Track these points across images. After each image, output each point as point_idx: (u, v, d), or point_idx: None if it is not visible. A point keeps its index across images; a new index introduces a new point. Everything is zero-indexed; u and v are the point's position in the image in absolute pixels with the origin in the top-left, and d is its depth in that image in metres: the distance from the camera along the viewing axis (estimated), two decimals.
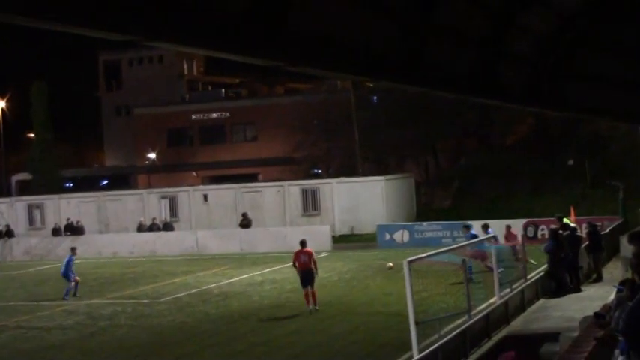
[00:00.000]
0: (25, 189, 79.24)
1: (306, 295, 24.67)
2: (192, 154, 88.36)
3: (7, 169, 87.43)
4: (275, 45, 9.46)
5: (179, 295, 29.60)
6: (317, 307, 24.59)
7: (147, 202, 51.41)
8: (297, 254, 25.27)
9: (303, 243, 25.60)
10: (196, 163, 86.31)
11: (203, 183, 77.11)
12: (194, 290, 30.64)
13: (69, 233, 48.44)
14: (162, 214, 50.18)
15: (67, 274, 30.95)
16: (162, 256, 44.13)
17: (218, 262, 39.47)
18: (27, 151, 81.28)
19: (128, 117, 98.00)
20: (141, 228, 47.73)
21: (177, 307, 26.81)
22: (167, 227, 47.89)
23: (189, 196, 51.12)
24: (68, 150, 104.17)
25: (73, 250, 32.19)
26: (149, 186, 76.73)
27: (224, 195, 50.39)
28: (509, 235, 31.60)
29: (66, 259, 31.60)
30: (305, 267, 24.83)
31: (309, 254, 25.15)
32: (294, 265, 25.40)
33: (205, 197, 50.59)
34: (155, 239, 46.52)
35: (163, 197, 51.68)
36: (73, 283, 30.72)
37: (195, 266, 38.51)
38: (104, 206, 52.09)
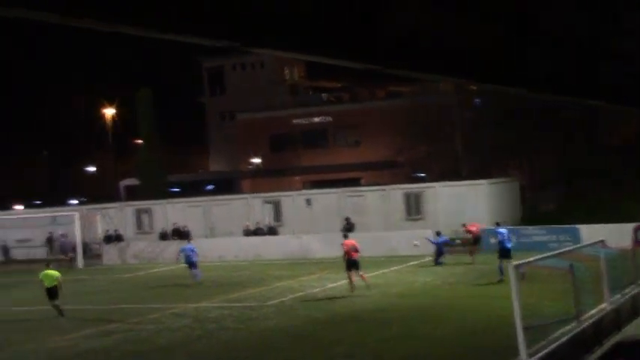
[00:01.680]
0: (133, 194, 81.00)
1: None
2: (294, 158, 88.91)
3: (116, 174, 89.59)
4: (375, 48, 9.48)
5: (284, 298, 29.86)
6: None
7: (251, 207, 52.00)
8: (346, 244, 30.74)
9: (346, 236, 32.85)
10: (299, 168, 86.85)
11: (305, 187, 77.57)
12: (299, 294, 30.86)
13: (176, 237, 49.34)
14: (266, 218, 50.66)
15: (192, 262, 35.66)
16: (267, 260, 44.58)
17: (322, 266, 39.66)
18: (135, 156, 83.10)
19: (232, 122, 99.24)
20: (246, 232, 48.33)
21: (282, 311, 27.05)
22: (271, 231, 48.38)
23: (292, 200, 51.51)
24: (174, 155, 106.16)
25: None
26: (253, 190, 77.57)
27: (327, 199, 50.60)
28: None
29: (189, 247, 36.48)
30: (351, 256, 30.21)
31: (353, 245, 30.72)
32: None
33: (309, 201, 50.88)
34: (260, 243, 47.05)
35: (267, 201, 52.17)
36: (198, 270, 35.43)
37: (300, 270, 38.77)
38: (210, 211, 52.86)
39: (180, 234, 49.40)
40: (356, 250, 30.69)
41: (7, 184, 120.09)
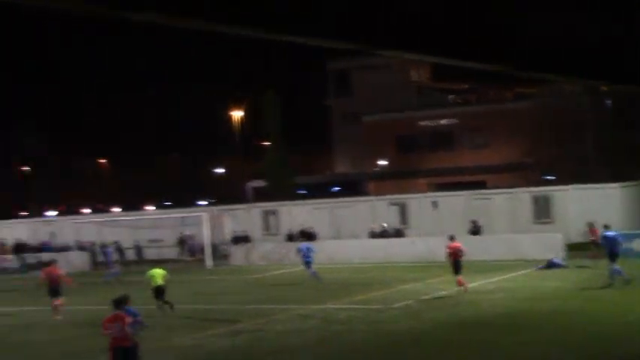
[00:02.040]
0: (260, 195, 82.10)
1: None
2: (420, 160, 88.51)
3: (243, 176, 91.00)
4: (505, 51, 9.35)
5: (410, 301, 29.73)
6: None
7: (377, 209, 51.97)
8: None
9: (452, 238, 33.17)
10: (425, 170, 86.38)
11: (431, 190, 77.10)
12: (425, 297, 30.69)
13: (302, 239, 49.73)
14: (392, 220, 50.54)
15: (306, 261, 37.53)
16: (393, 263, 44.49)
17: (448, 269, 39.24)
18: (262, 158, 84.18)
19: (357, 124, 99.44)
20: (372, 234, 48.35)
21: (408, 314, 26.94)
22: (398, 234, 48.26)
23: (419, 202, 51.25)
24: (300, 157, 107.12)
25: None
26: (378, 192, 77.53)
27: (454, 202, 50.16)
28: None
29: (305, 246, 38.69)
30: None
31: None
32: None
33: (435, 204, 50.53)
34: (386, 245, 47.00)
35: (393, 204, 52.07)
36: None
37: (426, 273, 38.56)
38: (335, 212, 53.08)
39: (307, 235, 49.78)
40: (460, 253, 31.88)
41: (139, 185, 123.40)
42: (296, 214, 54.00)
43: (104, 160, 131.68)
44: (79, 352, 24.10)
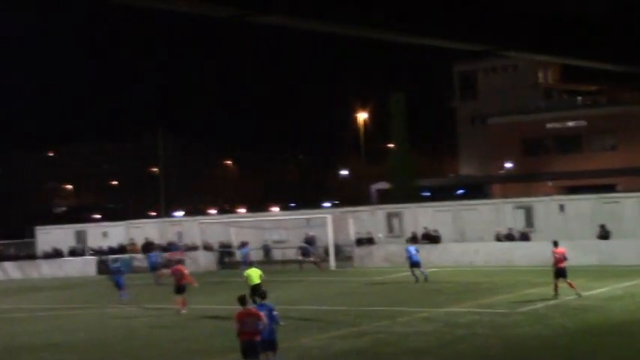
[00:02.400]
0: (384, 197, 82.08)
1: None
2: (547, 163, 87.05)
3: (368, 178, 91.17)
4: (632, 51, 9.14)
5: (536, 306, 29.24)
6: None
7: (502, 212, 51.27)
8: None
9: (556, 244, 32.73)
10: (551, 173, 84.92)
11: (558, 193, 75.61)
12: (551, 302, 30.12)
13: (426, 241, 49.49)
14: (517, 223, 49.78)
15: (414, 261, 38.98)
16: (519, 267, 43.83)
17: (575, 274, 38.35)
18: (386, 161, 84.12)
19: (483, 126, 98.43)
20: (498, 237, 47.72)
21: (534, 319, 26.48)
22: (523, 237, 47.51)
23: (545, 206, 50.31)
24: (425, 159, 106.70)
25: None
26: (503, 195, 76.53)
27: (581, 205, 49.02)
28: None
29: (412, 247, 40.49)
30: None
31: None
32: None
33: (562, 207, 49.52)
34: (511, 249, 46.34)
35: (518, 207, 51.26)
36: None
37: (552, 277, 37.77)
38: (460, 215, 52.60)
39: (431, 238, 49.48)
40: (564, 259, 31.70)
41: (264, 186, 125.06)
42: (420, 216, 53.73)
43: (230, 162, 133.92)
44: (203, 350, 24.56)
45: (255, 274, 31.97)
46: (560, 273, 31.45)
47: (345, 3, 12.78)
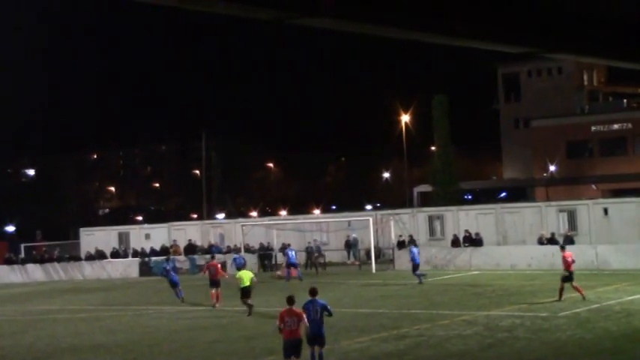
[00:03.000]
0: (426, 200, 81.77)
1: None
2: (591, 166, 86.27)
3: (409, 180, 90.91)
4: None
5: (578, 310, 28.91)
6: None
7: (545, 215, 50.84)
8: None
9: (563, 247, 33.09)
10: (596, 176, 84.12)
11: (603, 196, 74.85)
12: (594, 306, 29.77)
13: (467, 244, 49.20)
14: (560, 227, 49.33)
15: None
16: (561, 270, 43.35)
17: (619, 278, 38.07)
18: (428, 163, 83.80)
19: (526, 129, 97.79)
20: (541, 241, 47.30)
21: (576, 323, 26.18)
22: (567, 241, 47.01)
23: (588, 209, 49.79)
24: (467, 162, 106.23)
25: None
26: (547, 198, 75.90)
27: (626, 209, 48.44)
28: None
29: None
30: None
31: None
32: None
33: (606, 211, 48.97)
34: (554, 252, 45.84)
35: (562, 210, 50.80)
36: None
37: (595, 281, 37.42)
38: (502, 218, 52.24)
39: (472, 241, 49.17)
40: (572, 262, 31.91)
41: (306, 188, 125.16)
42: (461, 219, 53.44)
43: (272, 164, 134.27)
44: (243, 352, 24.60)
45: (246, 277, 32.94)
46: (570, 277, 31.74)
47: (391, 6, 12.73)
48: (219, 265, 37.79)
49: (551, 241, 46.88)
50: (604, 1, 14.31)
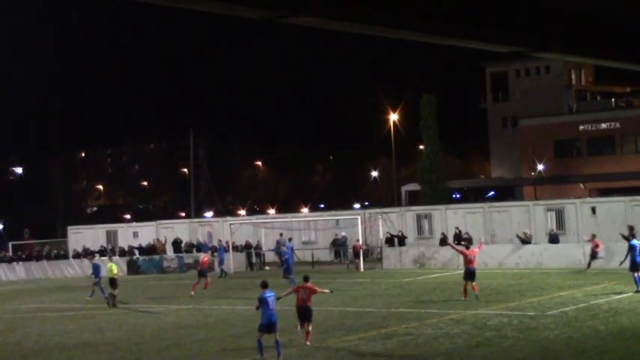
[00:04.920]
0: (414, 199, 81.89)
1: None
2: (579, 165, 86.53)
3: (397, 179, 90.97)
4: None
5: (566, 309, 28.98)
6: None
7: (532, 214, 50.96)
8: None
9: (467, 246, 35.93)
10: (583, 175, 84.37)
11: (591, 195, 75.10)
12: (581, 305, 29.85)
13: (456, 243, 49.24)
14: (548, 226, 49.48)
15: None
16: (548, 269, 43.56)
17: (607, 277, 38.19)
18: (416, 162, 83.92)
19: (514, 128, 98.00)
20: (522, 240, 47.36)
21: (563, 322, 26.24)
22: (552, 239, 47.14)
23: (576, 208, 49.95)
24: (455, 161, 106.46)
25: None
26: (535, 197, 76.11)
27: (614, 208, 48.62)
28: None
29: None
30: None
31: None
32: None
33: (594, 210, 49.14)
34: (541, 251, 46.03)
35: (549, 209, 50.95)
36: None
37: (583, 280, 37.55)
38: (490, 217, 52.37)
39: (460, 239, 49.23)
40: (474, 260, 32.93)
41: (294, 187, 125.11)
42: (449, 218, 53.53)
43: (260, 163, 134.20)
44: (232, 350, 24.57)
45: (114, 268, 38.33)
46: (469, 274, 32.75)
47: (379, 5, 12.74)
48: (205, 258, 41.88)
49: (525, 241, 46.92)
50: (592, 0, 14.37)
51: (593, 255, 41.38)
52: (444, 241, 49.59)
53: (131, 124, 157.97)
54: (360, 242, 50.53)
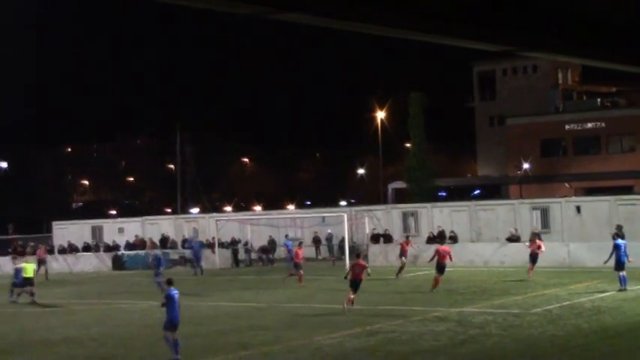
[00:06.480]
0: (400, 197, 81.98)
1: None
2: (565, 164, 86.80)
3: (384, 177, 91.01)
4: None
5: (550, 307, 29.11)
6: None
7: (518, 213, 51.10)
8: None
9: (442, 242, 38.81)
10: (569, 174, 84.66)
11: (576, 194, 75.38)
12: (565, 303, 29.99)
13: (440, 240, 49.27)
14: (533, 224, 49.62)
15: None
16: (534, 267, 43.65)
17: (591, 276, 38.38)
18: (403, 160, 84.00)
19: (501, 127, 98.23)
20: (510, 238, 47.53)
21: (547, 320, 26.36)
22: (511, 240, 47.29)
23: (561, 207, 50.12)
24: (442, 159, 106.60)
25: None
26: (521, 196, 76.34)
27: (599, 207, 48.81)
28: None
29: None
30: None
31: None
32: None
33: (579, 209, 49.33)
34: (526, 250, 46.11)
35: (535, 208, 51.10)
36: None
37: (567, 279, 37.72)
38: (476, 215, 52.48)
39: (443, 238, 49.23)
40: (448, 257, 35.76)
41: (281, 184, 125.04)
42: (436, 216, 53.62)
43: (247, 160, 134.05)
44: (217, 346, 24.55)
45: (30, 268, 38.04)
46: (441, 268, 35.57)
47: (368, 2, 12.74)
48: None
49: (512, 239, 47.01)
50: (579, 0, 14.42)
51: (534, 257, 38.61)
52: (431, 239, 49.68)
53: (118, 119, 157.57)
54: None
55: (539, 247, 38.73)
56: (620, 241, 33.98)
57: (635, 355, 20.66)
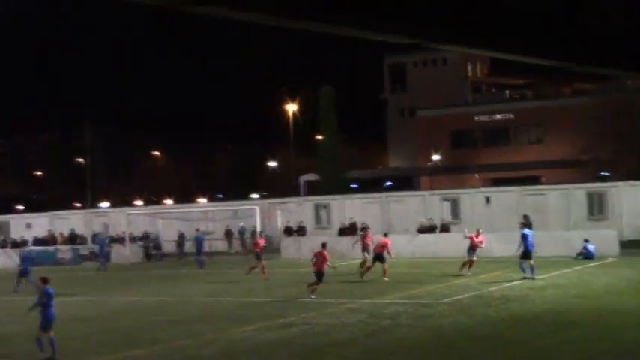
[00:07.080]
0: (312, 189, 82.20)
1: None
2: (474, 156, 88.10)
3: (296, 169, 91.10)
4: (562, 46, 9.19)
5: (460, 296, 29.52)
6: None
7: (429, 204, 51.71)
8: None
9: (386, 234, 38.73)
10: (479, 165, 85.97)
11: (485, 185, 76.61)
12: (475, 292, 30.44)
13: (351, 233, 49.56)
14: (444, 215, 50.29)
15: None
16: (443, 258, 44.25)
17: (500, 265, 39.05)
18: (315, 152, 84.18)
19: (412, 119, 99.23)
20: (421, 229, 48.07)
21: (458, 309, 26.72)
22: (445, 229, 47.89)
23: (471, 198, 50.88)
24: (354, 151, 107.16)
25: None
26: (431, 188, 77.27)
27: (507, 197, 49.72)
28: None
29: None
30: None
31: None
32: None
33: (488, 199, 50.15)
34: (436, 240, 46.73)
35: (445, 199, 51.79)
36: None
37: (477, 268, 38.18)
38: (387, 207, 52.92)
39: (355, 229, 49.55)
40: (388, 248, 36.59)
41: (192, 178, 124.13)
42: (348, 208, 53.90)
43: (158, 153, 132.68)
44: (129, 342, 24.25)
45: None
46: (378, 258, 36.50)
47: None
48: None
49: (430, 229, 47.61)
50: None
51: (472, 249, 36.78)
52: (343, 231, 49.93)
53: (25, 112, 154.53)
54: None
55: (481, 242, 37.03)
56: (527, 230, 34.65)
57: (540, 342, 21.07)
